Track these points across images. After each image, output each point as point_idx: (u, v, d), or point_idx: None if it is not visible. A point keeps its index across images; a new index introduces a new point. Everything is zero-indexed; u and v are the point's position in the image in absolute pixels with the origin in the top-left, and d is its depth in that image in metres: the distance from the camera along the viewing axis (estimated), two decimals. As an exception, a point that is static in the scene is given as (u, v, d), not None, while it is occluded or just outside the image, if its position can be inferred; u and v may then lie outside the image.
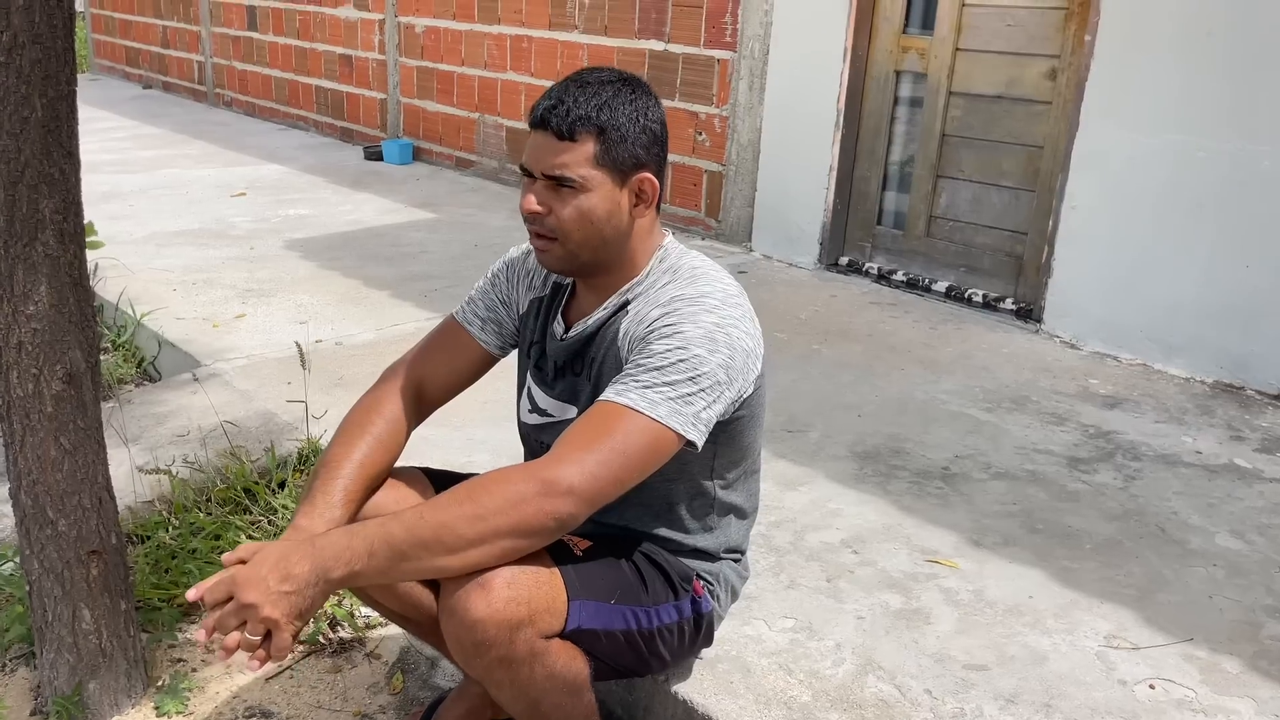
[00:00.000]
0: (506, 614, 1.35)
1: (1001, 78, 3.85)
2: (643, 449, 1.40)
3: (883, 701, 1.74)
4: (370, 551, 1.34)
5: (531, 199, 1.48)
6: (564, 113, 1.44)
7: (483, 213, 5.48)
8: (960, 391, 3.17)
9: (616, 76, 1.50)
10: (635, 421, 1.39)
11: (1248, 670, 1.86)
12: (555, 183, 1.46)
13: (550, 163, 1.45)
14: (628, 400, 1.40)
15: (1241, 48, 3.14)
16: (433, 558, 1.34)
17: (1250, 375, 3.26)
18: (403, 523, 1.35)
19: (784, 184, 4.52)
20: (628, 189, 1.49)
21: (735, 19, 4.62)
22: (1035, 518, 2.40)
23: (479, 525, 1.34)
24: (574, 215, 1.47)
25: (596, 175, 1.46)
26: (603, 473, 1.37)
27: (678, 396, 1.41)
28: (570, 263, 1.54)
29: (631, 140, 1.47)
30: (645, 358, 1.44)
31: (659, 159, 1.53)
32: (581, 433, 1.40)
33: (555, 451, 1.39)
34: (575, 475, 1.35)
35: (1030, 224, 3.85)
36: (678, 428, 1.41)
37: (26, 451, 1.72)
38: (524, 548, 1.37)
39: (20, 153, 1.58)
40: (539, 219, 1.49)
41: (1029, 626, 1.97)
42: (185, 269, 4.27)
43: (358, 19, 7.15)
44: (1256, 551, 2.28)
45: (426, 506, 1.37)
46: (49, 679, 1.84)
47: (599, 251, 1.52)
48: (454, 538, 1.33)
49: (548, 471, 1.35)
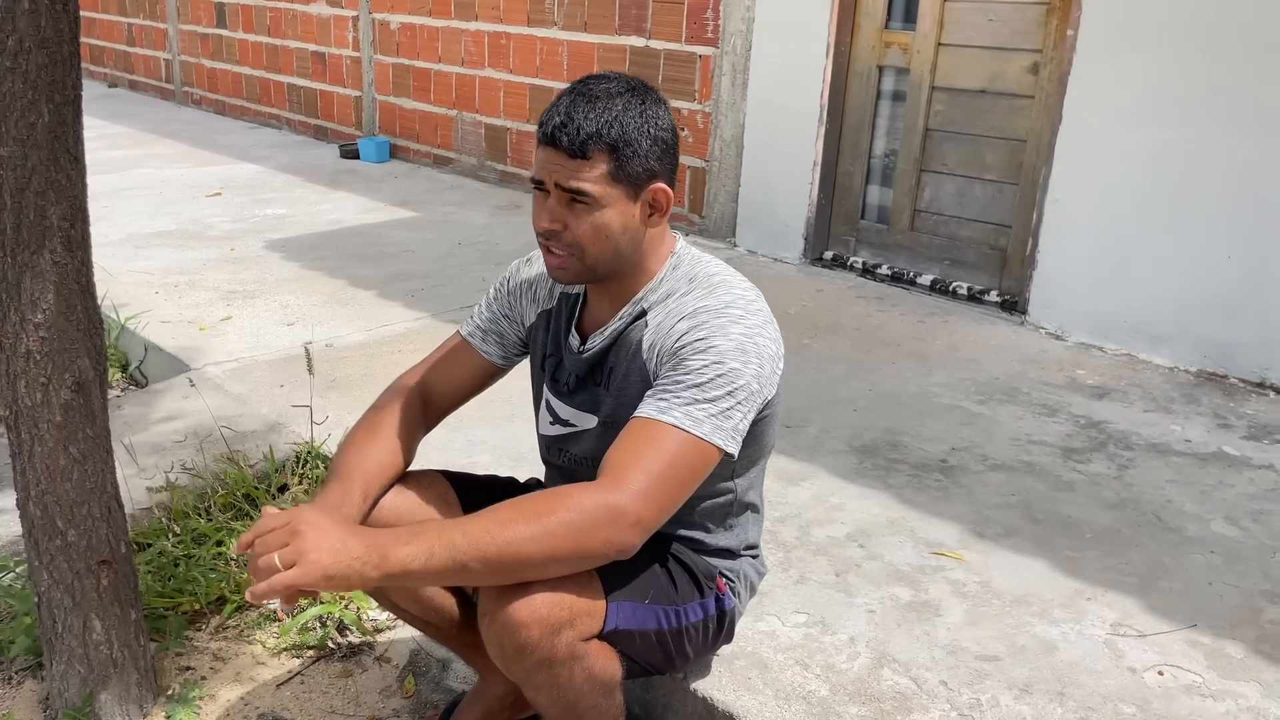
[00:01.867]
0: (550, 617, 1.35)
1: (984, 72, 3.88)
2: (691, 467, 1.42)
3: (900, 694, 1.76)
4: (430, 554, 1.31)
5: (546, 217, 1.47)
6: (574, 131, 1.42)
7: (464, 211, 5.46)
8: (952, 384, 3.20)
9: (624, 86, 1.48)
10: (684, 442, 1.40)
11: (1251, 654, 1.90)
12: (570, 198, 1.46)
13: (565, 179, 1.44)
14: (673, 419, 1.41)
15: (1220, 41, 3.19)
16: (491, 572, 1.33)
17: (1233, 364, 3.32)
18: (466, 534, 1.32)
19: (768, 179, 4.54)
20: (641, 201, 1.49)
21: (717, 15, 4.63)
22: (1035, 508, 2.43)
23: (544, 546, 1.32)
24: (590, 231, 1.46)
25: (611, 191, 1.45)
26: (664, 500, 1.38)
27: (719, 412, 1.42)
28: (587, 277, 1.53)
29: (644, 154, 1.45)
30: (683, 374, 1.44)
31: (670, 167, 1.52)
32: (637, 456, 1.39)
33: (614, 473, 1.37)
34: (643, 507, 1.35)
35: (1014, 217, 3.89)
36: (720, 443, 1.42)
37: (35, 461, 1.69)
38: (579, 569, 1.38)
39: (27, 159, 1.56)
40: (555, 236, 1.48)
41: (1037, 616, 2.00)
42: (166, 271, 4.22)
43: (330, 15, 7.08)
44: (1251, 538, 2.33)
45: (491, 521, 1.34)
46: (59, 690, 1.82)
47: (615, 263, 1.52)
48: (517, 557, 1.32)
49: (617, 498, 1.35)
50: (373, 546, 1.30)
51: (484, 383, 1.74)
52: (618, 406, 1.55)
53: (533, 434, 2.72)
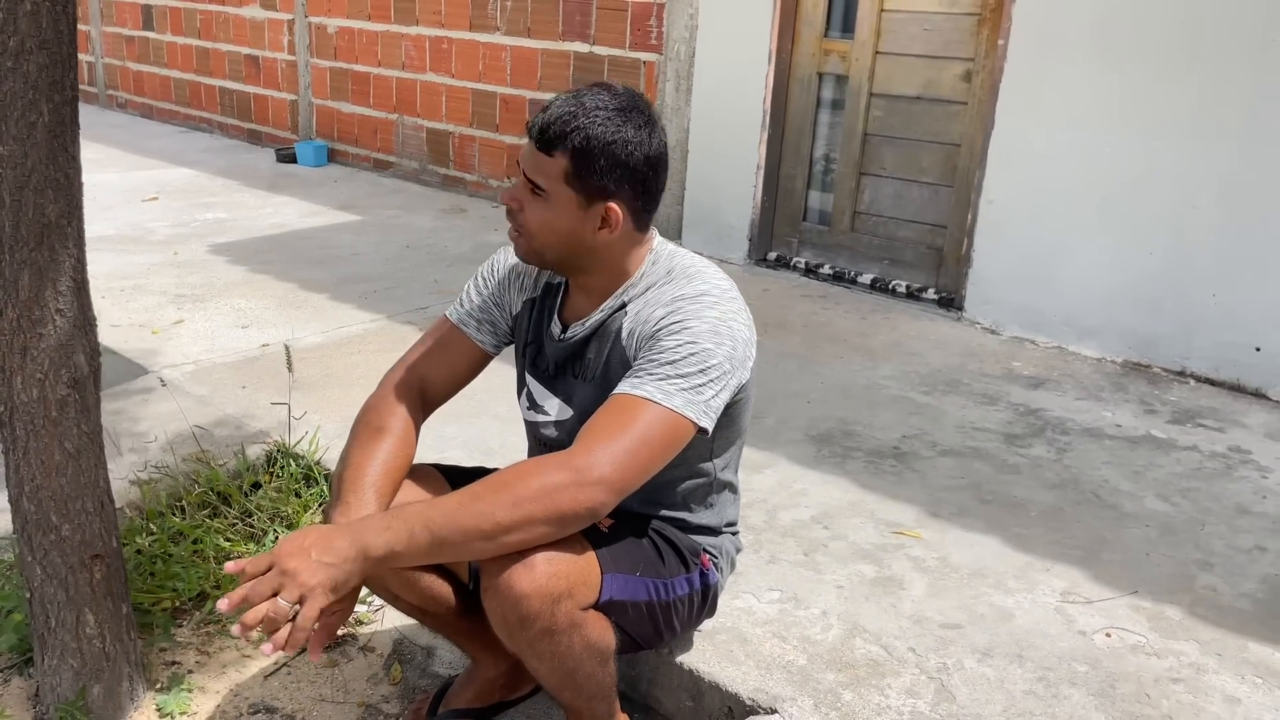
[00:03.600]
0: (550, 587, 1.43)
1: (920, 79, 4.06)
2: (663, 438, 1.49)
3: (873, 661, 1.87)
4: (411, 534, 1.39)
5: (509, 194, 1.59)
6: (546, 126, 1.51)
7: (409, 214, 5.47)
8: (897, 376, 3.35)
9: (617, 105, 1.53)
10: (654, 413, 1.48)
11: (1188, 617, 2.06)
12: (531, 186, 1.56)
13: (529, 166, 1.55)
14: (645, 393, 1.49)
15: (1141, 50, 3.40)
16: (471, 542, 1.41)
17: (1156, 354, 3.53)
18: (442, 509, 1.41)
19: (712, 182, 4.66)
20: (592, 212, 1.56)
21: (660, 22, 4.74)
22: (984, 489, 2.57)
23: (515, 512, 1.40)
24: (537, 220, 1.57)
25: (564, 191, 1.53)
26: (630, 462, 1.45)
27: (690, 388, 1.51)
28: (537, 259, 1.63)
29: (601, 170, 1.51)
30: (657, 353, 1.53)
31: (633, 191, 1.56)
32: (606, 425, 1.48)
33: (583, 443, 1.46)
34: (605, 466, 1.43)
35: (950, 218, 4.07)
36: (692, 416, 1.51)
37: (30, 457, 1.71)
38: (556, 534, 1.45)
39: (27, 157, 1.58)
40: (513, 214, 1.59)
41: (993, 587, 2.13)
42: (110, 276, 4.17)
43: (264, 19, 7.02)
44: (1182, 513, 2.51)
45: (465, 494, 1.43)
46: (51, 685, 1.83)
47: (563, 259, 1.61)
48: (492, 524, 1.40)
49: (579, 461, 1.43)
50: (354, 541, 1.38)
51: (478, 369, 1.79)
52: (598, 396, 1.61)
53: (501, 428, 2.81)
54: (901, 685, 1.81)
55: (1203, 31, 3.28)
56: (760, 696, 1.76)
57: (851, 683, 1.81)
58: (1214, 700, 1.81)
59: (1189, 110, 3.34)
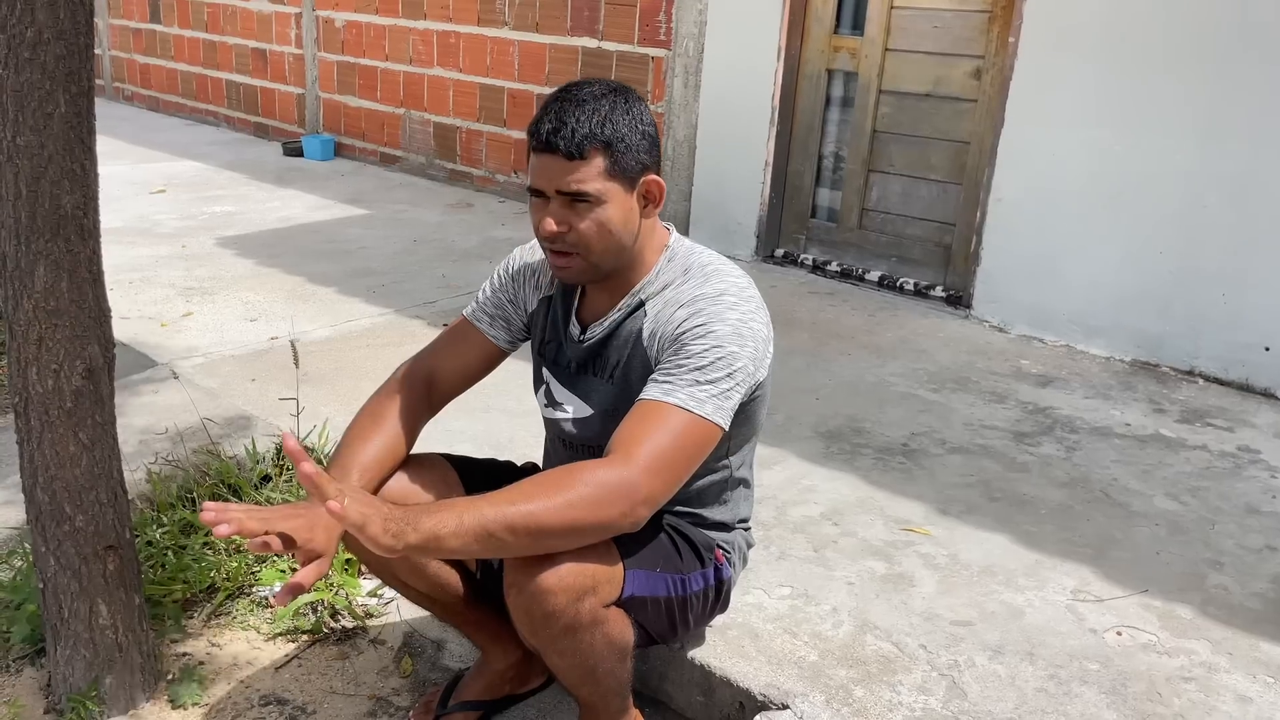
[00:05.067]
0: (575, 584, 1.43)
1: (929, 77, 4.05)
2: (697, 445, 1.50)
3: (884, 657, 1.87)
4: (459, 522, 1.36)
5: (550, 221, 1.53)
6: (569, 134, 1.49)
7: (416, 209, 5.48)
8: (906, 374, 3.35)
9: (607, 89, 1.55)
10: (689, 422, 1.48)
11: (1199, 615, 2.06)
12: (570, 199, 1.53)
13: (564, 181, 1.51)
14: (677, 400, 1.49)
15: (1152, 49, 3.39)
16: (516, 540, 1.39)
17: (1165, 353, 3.53)
18: (494, 505, 1.39)
19: (721, 178, 4.66)
20: (636, 193, 1.57)
21: (669, 17, 4.74)
22: (992, 487, 2.57)
23: (564, 518, 1.39)
24: (593, 228, 1.53)
25: (610, 187, 1.53)
26: (671, 476, 1.47)
27: (719, 393, 1.51)
28: (592, 274, 1.60)
29: (635, 148, 1.54)
30: (685, 358, 1.53)
31: (658, 160, 1.61)
32: (646, 435, 1.46)
33: (626, 451, 1.44)
34: (655, 484, 1.44)
35: (958, 216, 4.07)
36: (721, 421, 1.51)
37: (44, 447, 1.71)
38: (595, 540, 1.46)
39: (44, 148, 1.58)
40: (559, 238, 1.55)
41: (1003, 585, 2.13)
42: (118, 268, 4.17)
43: (272, 12, 7.02)
44: (1191, 511, 2.50)
45: (516, 494, 1.41)
46: (64, 676, 1.83)
47: (618, 258, 1.60)
48: (540, 527, 1.39)
49: (627, 474, 1.42)
50: (405, 514, 1.36)
51: (490, 366, 1.80)
52: (619, 395, 1.62)
53: (510, 423, 2.81)
54: (913, 682, 1.81)
55: (1214, 31, 3.27)
56: (772, 692, 1.76)
57: (863, 679, 1.81)
58: (1226, 699, 1.81)
59: (1200, 109, 3.33)
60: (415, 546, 1.37)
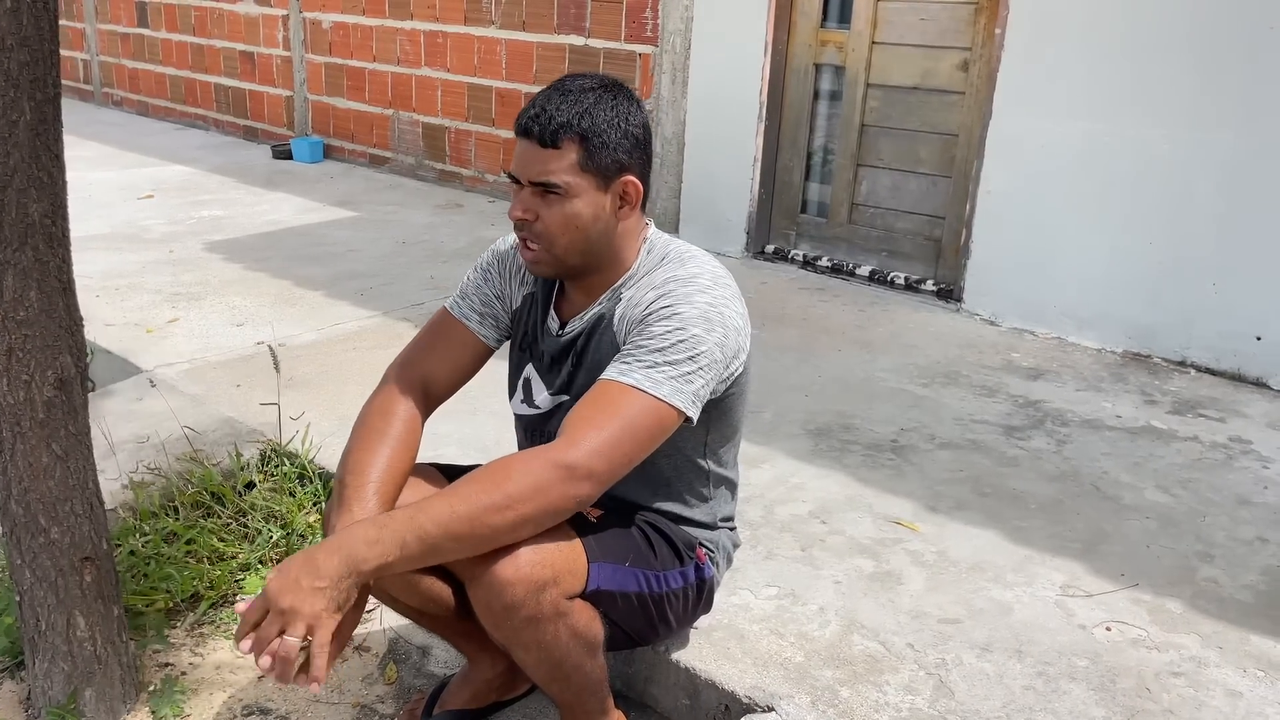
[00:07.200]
0: (533, 575, 1.42)
1: (917, 70, 4.03)
2: (649, 427, 1.47)
3: (870, 657, 1.85)
4: (402, 544, 1.36)
5: (519, 207, 1.53)
6: (546, 121, 1.49)
7: (404, 210, 5.45)
8: (896, 369, 3.33)
9: (598, 83, 1.54)
10: (641, 401, 1.46)
11: (1189, 610, 2.04)
12: (542, 189, 1.52)
13: (536, 170, 1.51)
14: (632, 380, 1.47)
15: (1140, 39, 3.37)
16: (463, 547, 1.40)
17: (1156, 344, 3.51)
18: (432, 515, 1.38)
19: (710, 175, 4.64)
20: (611, 192, 1.55)
21: (656, 14, 4.71)
22: (982, 482, 2.56)
23: (507, 514, 1.39)
24: (559, 220, 1.52)
25: (580, 181, 1.51)
26: (616, 453, 1.44)
27: (679, 375, 1.49)
28: (558, 268, 1.59)
29: (613, 145, 1.52)
30: (646, 339, 1.51)
31: (642, 162, 1.58)
32: (592, 413, 1.46)
33: (569, 434, 1.44)
34: (593, 459, 1.42)
35: (948, 209, 4.05)
36: (680, 405, 1.49)
37: (17, 460, 1.69)
38: (546, 526, 1.44)
39: (9, 157, 1.56)
40: (527, 225, 1.54)
41: (992, 581, 2.11)
42: (104, 274, 4.15)
43: (259, 15, 6.99)
44: (1182, 504, 2.49)
45: (453, 497, 1.40)
46: (42, 689, 1.82)
47: (586, 255, 1.58)
48: (484, 528, 1.38)
49: (567, 456, 1.41)
50: (343, 559, 1.34)
51: (480, 364, 1.77)
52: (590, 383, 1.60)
53: (497, 426, 2.78)
54: (900, 681, 1.79)
55: (1202, 19, 3.25)
56: (757, 694, 1.75)
57: (849, 679, 1.79)
58: (1215, 694, 1.80)
59: (1188, 99, 3.31)
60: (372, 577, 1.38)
